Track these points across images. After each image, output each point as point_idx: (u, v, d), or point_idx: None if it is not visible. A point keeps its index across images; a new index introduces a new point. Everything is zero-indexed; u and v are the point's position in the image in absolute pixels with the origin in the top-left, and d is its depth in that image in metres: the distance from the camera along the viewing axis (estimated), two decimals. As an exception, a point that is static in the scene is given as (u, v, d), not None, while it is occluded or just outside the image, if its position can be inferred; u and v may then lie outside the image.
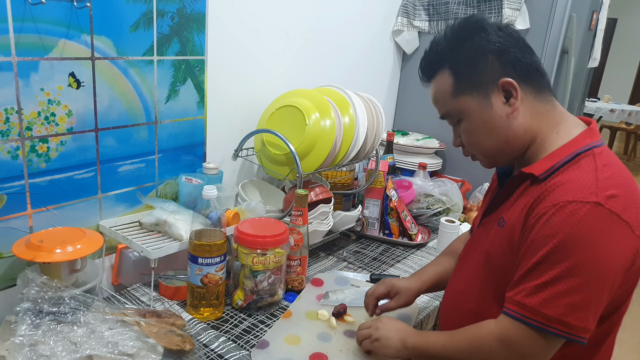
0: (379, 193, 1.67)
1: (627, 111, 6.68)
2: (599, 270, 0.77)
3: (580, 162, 0.84)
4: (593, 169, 0.82)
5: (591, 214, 0.76)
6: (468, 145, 0.97)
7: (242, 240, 1.17)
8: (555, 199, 0.80)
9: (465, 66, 0.91)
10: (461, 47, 0.92)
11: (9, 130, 1.03)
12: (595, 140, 0.88)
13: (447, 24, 2.07)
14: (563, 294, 0.77)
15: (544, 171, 0.86)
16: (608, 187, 0.79)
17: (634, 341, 2.88)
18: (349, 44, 1.94)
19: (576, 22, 1.93)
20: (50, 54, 1.06)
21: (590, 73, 2.57)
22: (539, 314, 0.79)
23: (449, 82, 0.93)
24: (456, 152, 2.15)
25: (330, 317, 1.19)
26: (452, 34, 0.94)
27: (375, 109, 1.56)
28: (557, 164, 0.85)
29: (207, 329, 1.13)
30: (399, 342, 0.97)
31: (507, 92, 0.89)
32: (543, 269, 0.79)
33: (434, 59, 0.96)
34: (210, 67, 1.40)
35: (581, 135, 0.89)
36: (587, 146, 0.86)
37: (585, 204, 0.77)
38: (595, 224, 0.76)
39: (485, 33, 0.90)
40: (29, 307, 0.96)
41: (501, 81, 0.89)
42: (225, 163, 1.52)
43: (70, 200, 1.17)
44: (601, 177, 0.80)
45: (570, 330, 0.78)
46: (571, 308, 0.77)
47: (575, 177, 0.81)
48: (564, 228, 0.77)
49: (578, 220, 0.77)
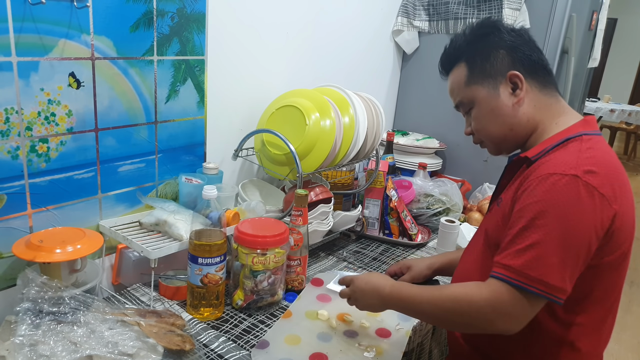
0: (379, 193, 1.67)
1: (627, 111, 6.68)
2: (575, 233, 0.84)
3: (568, 146, 0.93)
4: (577, 150, 0.90)
5: (569, 184, 0.84)
6: (477, 131, 1.07)
7: (242, 240, 1.17)
8: (539, 173, 0.89)
9: (479, 58, 1.02)
10: (477, 42, 1.03)
11: (9, 130, 1.03)
12: (589, 130, 0.95)
13: (447, 24, 2.08)
14: (543, 256, 0.84)
15: (536, 153, 0.95)
16: (587, 164, 0.86)
17: (634, 341, 2.88)
18: (349, 44, 1.94)
19: (576, 22, 1.93)
20: (50, 54, 1.06)
21: (590, 73, 2.57)
22: (522, 274, 0.84)
23: (463, 72, 1.04)
24: (456, 152, 2.15)
25: (330, 317, 1.19)
26: (470, 31, 1.06)
27: (375, 109, 1.56)
28: (547, 147, 0.94)
29: (207, 329, 1.13)
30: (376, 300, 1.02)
31: (514, 83, 1.00)
32: (526, 234, 0.85)
33: (453, 53, 1.07)
34: (210, 67, 1.40)
35: (575, 124, 0.98)
36: (578, 133, 0.94)
37: (564, 176, 0.85)
38: (572, 193, 0.84)
39: (499, 32, 1.02)
40: (29, 307, 0.96)
41: (509, 73, 0.99)
42: (225, 163, 1.52)
43: (70, 200, 1.17)
44: (582, 157, 0.88)
45: (549, 290, 0.84)
46: (549, 268, 0.83)
47: (559, 156, 0.91)
48: (544, 196, 0.85)
49: (557, 190, 0.85)
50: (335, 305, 1.25)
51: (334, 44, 1.87)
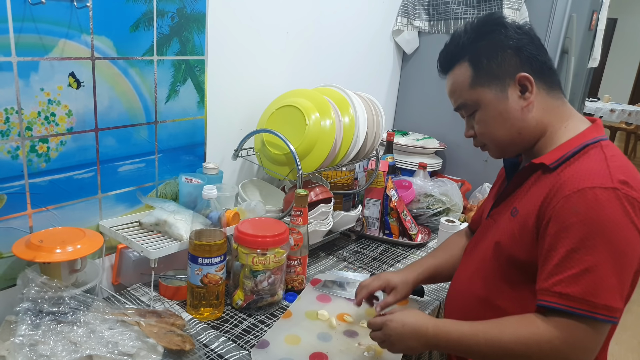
0: (379, 193, 1.67)
1: (627, 111, 6.68)
2: (627, 251, 0.80)
3: (589, 153, 0.89)
4: (603, 158, 0.87)
5: (612, 199, 0.80)
6: (481, 135, 1.01)
7: (242, 240, 1.17)
8: (574, 186, 0.83)
9: (485, 59, 0.96)
10: (482, 40, 0.97)
11: (9, 130, 1.03)
12: (601, 134, 0.94)
13: (447, 24, 2.08)
14: (602, 279, 0.79)
15: (555, 160, 0.91)
16: (619, 174, 0.83)
17: (634, 341, 2.88)
18: (349, 44, 1.94)
19: (576, 22, 1.93)
20: (50, 54, 1.06)
21: (590, 73, 2.57)
22: (586, 302, 0.79)
23: (467, 73, 0.98)
24: (456, 152, 2.15)
25: (330, 317, 1.19)
26: (472, 28, 0.99)
27: (375, 109, 1.56)
28: (567, 154, 0.90)
29: (207, 329, 1.13)
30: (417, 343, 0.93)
31: (523, 86, 0.95)
32: (577, 256, 0.80)
33: (454, 51, 1.00)
34: (210, 67, 1.40)
35: (588, 129, 0.95)
36: (594, 139, 0.91)
37: (604, 190, 0.81)
38: (617, 208, 0.80)
39: (505, 29, 0.95)
40: (29, 307, 0.96)
41: (518, 75, 0.94)
42: (225, 163, 1.52)
43: (70, 200, 1.17)
44: (612, 166, 0.85)
45: (612, 313, 0.79)
46: (612, 292, 0.79)
47: (588, 166, 0.86)
48: (590, 214, 0.80)
49: (602, 206, 0.80)
50: (335, 305, 1.25)
51: (334, 44, 1.87)
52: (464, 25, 1.00)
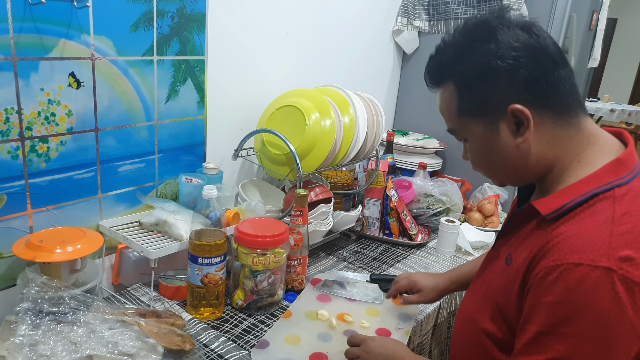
0: (379, 193, 1.67)
1: (627, 111, 6.68)
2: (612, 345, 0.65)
3: (596, 207, 0.70)
4: (609, 219, 0.68)
5: (601, 283, 0.64)
6: (475, 166, 0.87)
7: (242, 240, 1.17)
8: (559, 258, 0.67)
9: (470, 87, 0.78)
10: (467, 60, 0.78)
11: (9, 130, 1.03)
12: (623, 175, 0.72)
13: (447, 24, 2.07)
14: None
15: (552, 211, 0.74)
16: (623, 246, 0.66)
17: (634, 341, 2.87)
18: (349, 44, 1.94)
19: (576, 22, 1.93)
20: (50, 54, 1.06)
21: (590, 73, 2.57)
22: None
23: (454, 99, 0.81)
24: (456, 152, 2.15)
25: (330, 317, 1.19)
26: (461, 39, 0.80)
27: (375, 109, 1.56)
28: (567, 204, 0.72)
29: (207, 329, 1.13)
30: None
31: (518, 119, 0.76)
32: (547, 342, 0.68)
33: (438, 68, 0.84)
34: (210, 67, 1.40)
35: (605, 168, 0.74)
36: (608, 185, 0.72)
37: (594, 269, 0.64)
38: (606, 294, 0.64)
39: (496, 44, 0.75)
40: (29, 307, 0.96)
41: (510, 108, 0.75)
42: (225, 163, 1.52)
43: (70, 200, 1.17)
44: (616, 232, 0.67)
45: None
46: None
47: (585, 230, 0.68)
48: (569, 297, 0.65)
49: (585, 290, 0.64)
50: (335, 305, 1.25)
51: (334, 44, 1.87)
52: (453, 32, 0.81)
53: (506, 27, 0.76)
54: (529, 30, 0.76)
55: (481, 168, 0.87)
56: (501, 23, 0.77)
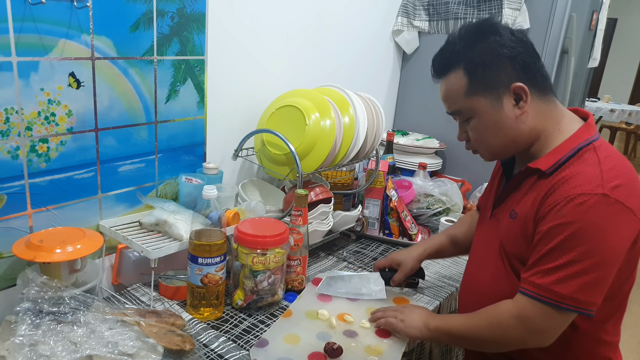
0: (379, 193, 1.67)
1: (627, 111, 6.68)
2: (607, 253, 0.87)
3: (584, 157, 0.93)
4: (596, 162, 0.90)
5: (599, 204, 0.86)
6: (475, 142, 1.04)
7: (242, 240, 1.17)
8: (566, 192, 0.89)
9: (480, 68, 0.96)
10: (476, 48, 0.96)
11: (9, 130, 1.03)
12: (593, 134, 0.97)
13: (447, 24, 2.08)
14: (575, 275, 0.87)
15: (550, 166, 0.95)
16: (612, 178, 0.88)
17: (634, 341, 2.88)
18: (349, 44, 1.94)
19: (576, 22, 1.93)
20: (50, 54, 1.06)
21: (590, 73, 2.57)
22: (552, 292, 0.88)
23: (463, 81, 0.98)
24: (456, 152, 2.15)
25: (330, 316, 1.19)
26: (467, 35, 0.99)
27: (375, 109, 1.56)
28: (561, 159, 0.94)
29: (207, 329, 1.13)
30: (422, 323, 1.08)
31: (518, 95, 0.96)
32: (557, 254, 0.88)
33: (449, 57, 1.00)
34: (210, 67, 1.40)
35: (580, 130, 0.98)
36: (587, 140, 0.95)
37: (593, 195, 0.86)
38: (603, 213, 0.86)
39: (500, 37, 0.95)
40: (29, 307, 0.96)
41: (513, 85, 0.95)
42: (225, 163, 1.52)
43: (70, 200, 1.17)
44: (605, 169, 0.89)
45: (580, 305, 0.88)
46: (582, 286, 0.87)
47: (581, 171, 0.90)
48: (575, 217, 0.86)
49: (587, 210, 0.86)
50: (336, 305, 1.25)
51: (334, 44, 1.87)
52: (459, 30, 1.00)
53: (502, 27, 0.97)
54: (518, 31, 0.99)
55: (482, 142, 1.03)
56: (498, 23, 0.99)
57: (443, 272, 1.50)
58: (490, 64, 0.96)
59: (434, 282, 1.44)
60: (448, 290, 1.40)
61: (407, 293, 1.36)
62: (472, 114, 1.00)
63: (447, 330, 1.05)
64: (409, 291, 1.37)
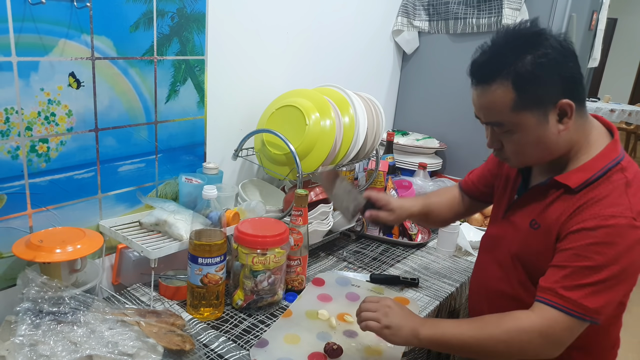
0: (379, 193, 1.67)
1: (627, 111, 6.67)
2: (630, 271, 0.91)
3: (612, 178, 0.94)
4: (624, 184, 0.93)
5: (627, 229, 0.89)
6: (511, 153, 1.00)
7: (242, 240, 1.17)
8: (597, 212, 0.91)
9: (530, 83, 0.91)
10: (526, 60, 0.90)
11: (9, 130, 1.03)
12: (619, 152, 0.98)
13: (447, 24, 2.08)
14: (602, 291, 0.90)
15: (579, 184, 0.96)
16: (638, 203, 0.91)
17: (634, 341, 2.88)
18: (349, 44, 1.94)
19: (576, 22, 1.93)
20: (50, 54, 1.06)
21: (590, 73, 2.57)
22: (581, 306, 0.90)
23: (510, 95, 0.92)
24: (456, 152, 2.15)
25: (330, 316, 1.19)
26: (515, 41, 0.93)
27: (375, 109, 1.56)
28: (590, 178, 0.95)
29: (207, 329, 1.13)
30: (410, 332, 0.98)
31: (563, 111, 0.93)
32: (588, 272, 0.90)
33: (495, 65, 0.93)
34: (210, 67, 1.40)
35: (608, 147, 0.98)
36: (615, 160, 0.96)
37: (624, 218, 0.89)
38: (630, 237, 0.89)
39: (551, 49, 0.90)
40: (29, 307, 0.96)
41: (560, 102, 0.92)
42: (225, 163, 1.52)
43: (70, 200, 1.17)
44: (631, 193, 0.92)
45: (600, 316, 0.91)
46: (606, 301, 0.91)
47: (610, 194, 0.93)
48: (605, 239, 0.89)
49: (619, 234, 0.89)
50: (336, 305, 1.25)
51: (334, 44, 1.87)
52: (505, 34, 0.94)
53: (549, 35, 0.92)
54: (565, 40, 0.93)
55: (517, 154, 1.00)
56: (545, 31, 0.92)
57: (443, 272, 1.50)
58: (541, 79, 0.91)
59: (434, 282, 1.44)
60: (448, 290, 1.40)
61: (407, 293, 1.36)
62: (515, 128, 0.95)
63: (445, 342, 0.97)
64: (409, 291, 1.37)
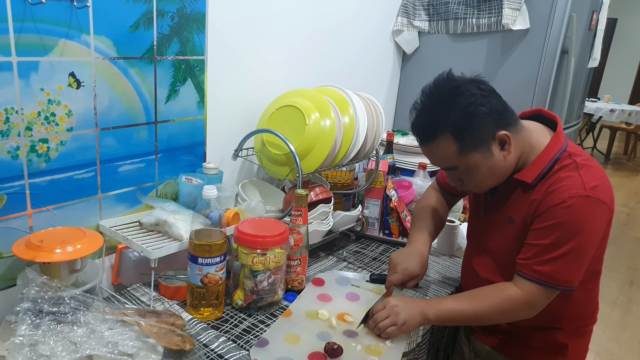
0: (379, 193, 1.67)
1: (627, 111, 6.68)
2: (591, 241, 1.07)
3: (563, 164, 1.09)
4: (574, 167, 1.07)
5: (584, 204, 1.04)
6: (473, 186, 1.16)
7: (242, 240, 1.17)
8: (558, 197, 1.05)
9: (466, 131, 1.05)
10: (454, 112, 1.05)
11: (9, 130, 1.03)
12: (562, 141, 1.12)
13: (447, 24, 2.08)
14: (568, 263, 1.06)
15: (534, 178, 1.10)
16: (590, 181, 1.05)
17: (634, 341, 2.88)
18: (349, 44, 1.94)
19: (576, 22, 1.93)
20: (50, 54, 1.06)
21: (590, 73, 2.57)
22: (552, 277, 1.06)
23: (453, 145, 1.07)
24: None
25: (330, 316, 1.19)
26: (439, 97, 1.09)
27: (375, 109, 1.56)
28: (542, 171, 1.10)
29: (207, 329, 1.13)
30: (420, 317, 1.13)
31: (502, 141, 1.08)
32: (554, 248, 1.05)
33: (432, 124, 1.09)
34: (210, 67, 1.40)
35: (551, 142, 1.12)
36: (560, 150, 1.10)
37: (579, 198, 1.03)
38: (587, 211, 1.04)
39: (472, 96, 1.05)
40: (29, 307, 0.96)
41: (498, 135, 1.07)
42: (225, 163, 1.52)
43: (70, 200, 1.17)
44: (584, 174, 1.06)
45: (570, 284, 1.08)
46: (573, 271, 1.07)
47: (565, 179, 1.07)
48: (567, 218, 1.04)
49: (575, 211, 1.04)
50: (336, 305, 1.25)
51: (334, 44, 1.87)
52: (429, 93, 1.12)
53: (466, 84, 1.07)
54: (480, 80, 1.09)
55: (476, 186, 1.16)
56: (464, 81, 1.08)
57: (443, 272, 1.51)
58: (474, 124, 1.05)
59: (434, 281, 1.44)
60: (447, 290, 1.40)
61: (407, 293, 1.36)
62: (468, 168, 1.10)
63: (450, 318, 1.14)
64: (409, 291, 1.37)
